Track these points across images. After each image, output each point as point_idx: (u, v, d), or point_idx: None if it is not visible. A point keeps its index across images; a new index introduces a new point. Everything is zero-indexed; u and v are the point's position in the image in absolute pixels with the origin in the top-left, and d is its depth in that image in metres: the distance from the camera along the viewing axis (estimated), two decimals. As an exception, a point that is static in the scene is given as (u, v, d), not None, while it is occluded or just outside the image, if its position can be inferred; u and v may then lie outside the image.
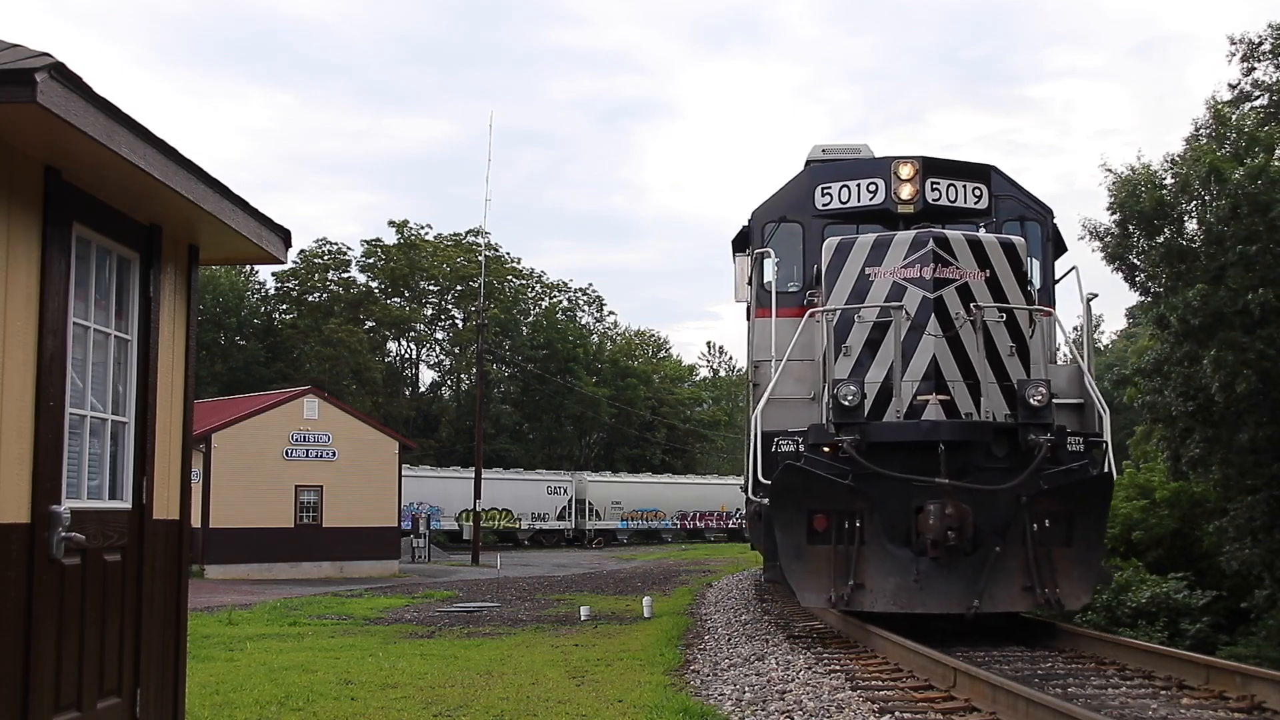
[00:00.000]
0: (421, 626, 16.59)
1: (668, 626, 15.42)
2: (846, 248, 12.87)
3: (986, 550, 11.60)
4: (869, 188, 14.39)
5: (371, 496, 33.05)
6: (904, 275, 12.41)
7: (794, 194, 14.98)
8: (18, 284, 4.79)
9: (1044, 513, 11.64)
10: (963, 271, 12.38)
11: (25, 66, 4.14)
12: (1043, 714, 7.12)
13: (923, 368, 12.15)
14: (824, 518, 11.61)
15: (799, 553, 11.70)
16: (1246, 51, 21.69)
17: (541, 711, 8.58)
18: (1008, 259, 12.69)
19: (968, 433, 11.89)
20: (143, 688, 5.86)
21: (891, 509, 11.68)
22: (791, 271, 14.79)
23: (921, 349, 12.17)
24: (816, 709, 8.26)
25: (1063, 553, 11.73)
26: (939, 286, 12.27)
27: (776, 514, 11.82)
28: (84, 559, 5.30)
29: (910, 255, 12.44)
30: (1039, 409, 11.92)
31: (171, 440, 6.30)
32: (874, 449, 11.68)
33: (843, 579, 11.48)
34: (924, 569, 11.56)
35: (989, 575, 11.53)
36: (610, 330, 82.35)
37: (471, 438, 51.02)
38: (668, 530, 62.72)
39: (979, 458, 11.94)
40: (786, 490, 11.66)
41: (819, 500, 11.60)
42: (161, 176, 5.18)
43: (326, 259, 67.09)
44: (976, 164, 14.79)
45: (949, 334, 12.17)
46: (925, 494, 11.54)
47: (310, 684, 10.03)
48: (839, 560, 11.52)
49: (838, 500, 11.55)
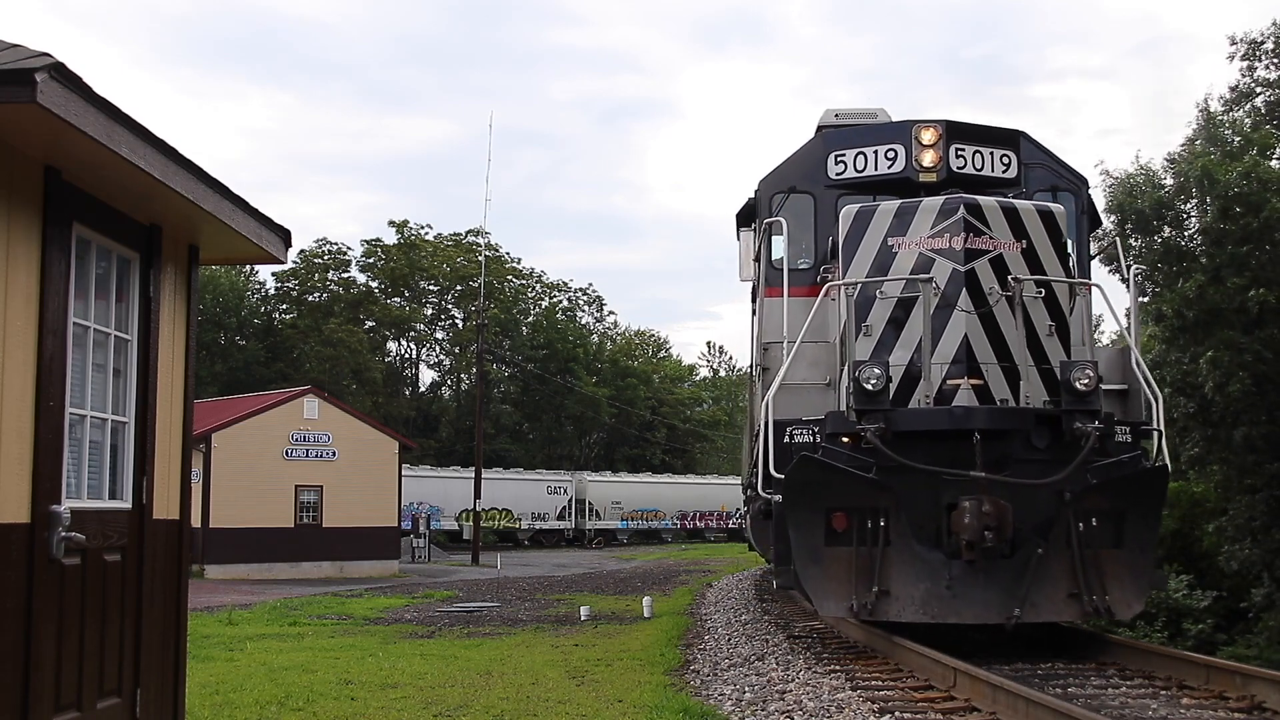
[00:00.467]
0: (421, 626, 16.59)
1: (668, 626, 15.42)
2: (866, 216, 11.63)
3: (1027, 553, 10.38)
4: (887, 155, 13.04)
5: (371, 496, 33.06)
6: (931, 246, 11.14)
7: (805, 162, 13.58)
8: (18, 284, 4.79)
9: (1091, 510, 10.44)
10: (996, 242, 11.11)
11: (25, 66, 4.14)
12: (1043, 714, 7.12)
13: (953, 349, 10.89)
14: (844, 516, 10.41)
15: (816, 556, 10.49)
16: (1248, 51, 21.70)
17: (541, 711, 8.58)
18: (1045, 228, 11.38)
19: (1007, 420, 10.65)
20: (143, 688, 5.86)
21: (920, 506, 10.52)
22: (802, 247, 13.48)
23: (951, 328, 10.91)
24: (816, 709, 8.26)
25: (1112, 555, 10.54)
26: (971, 258, 11.00)
27: (790, 512, 10.60)
28: (84, 559, 5.30)
29: (938, 224, 11.17)
30: (1086, 393, 10.60)
31: (171, 440, 6.30)
32: (899, 439, 10.48)
33: (866, 585, 10.29)
34: (957, 573, 10.34)
35: (1031, 581, 10.31)
36: (610, 330, 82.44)
37: (471, 438, 51.03)
38: (668, 530, 62.75)
39: (1017, 448, 10.71)
40: (802, 485, 10.44)
41: (838, 496, 10.39)
42: (161, 176, 5.18)
43: (326, 259, 67.12)
44: (1005, 129, 13.48)
45: (982, 311, 10.92)
46: (958, 489, 10.31)
47: (310, 684, 10.03)
48: (861, 564, 10.35)
49: (860, 496, 10.39)
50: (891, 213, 11.48)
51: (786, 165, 13.65)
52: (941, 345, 10.89)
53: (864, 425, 10.48)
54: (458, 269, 68.53)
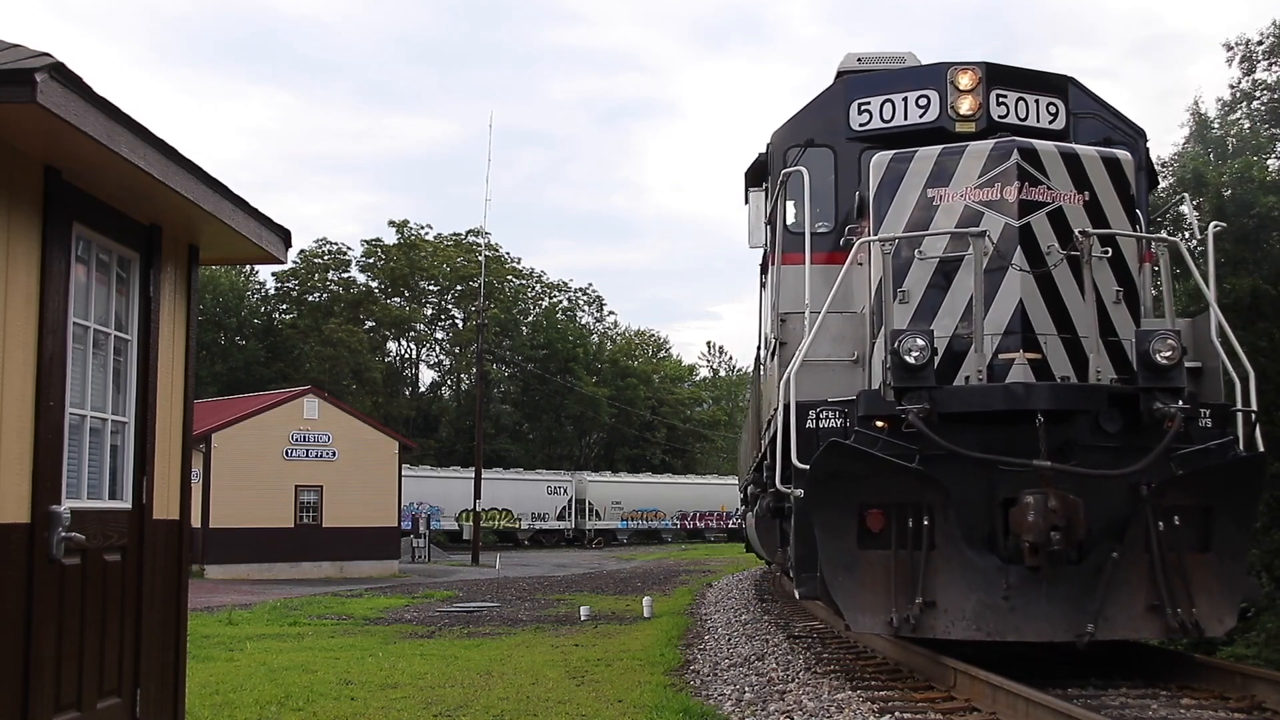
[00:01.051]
0: (421, 626, 16.59)
1: (668, 626, 15.42)
2: (902, 165, 10.10)
3: (1099, 558, 8.80)
4: (919, 102, 11.47)
5: (371, 496, 33.08)
6: (979, 198, 9.61)
7: (823, 111, 11.92)
8: (18, 284, 4.79)
9: (1174, 507, 8.89)
10: (1055, 193, 9.55)
11: (25, 66, 4.14)
12: (1043, 714, 7.12)
13: (1005, 317, 9.28)
14: (880, 514, 8.87)
15: (848, 561, 8.91)
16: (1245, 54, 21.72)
17: (541, 711, 8.58)
18: (1111, 179, 9.87)
19: (1076, 399, 9.05)
20: (143, 688, 5.86)
21: (971, 502, 8.99)
22: (820, 209, 11.64)
23: (1004, 293, 9.31)
24: (816, 709, 8.26)
25: (1199, 561, 8.95)
26: (1025, 211, 9.43)
27: (817, 510, 8.98)
28: (84, 559, 5.30)
29: (987, 171, 9.64)
30: (1168, 368, 9.01)
31: (171, 440, 6.30)
32: (943, 422, 8.94)
33: (907, 596, 8.71)
34: (1016, 582, 8.73)
35: (1104, 591, 8.73)
36: (610, 330, 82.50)
37: (471, 438, 51.04)
38: (668, 530, 62.79)
39: (1084, 434, 9.20)
40: (831, 477, 8.83)
41: (874, 491, 8.83)
42: (161, 176, 5.18)
43: (326, 259, 67.17)
44: (1052, 74, 11.85)
45: (1039, 273, 9.36)
46: (1018, 482, 8.77)
47: (310, 684, 10.04)
48: (901, 571, 8.78)
49: (900, 490, 8.83)
50: (931, 160, 9.99)
51: (802, 115, 12.03)
52: (991, 313, 9.28)
53: (905, 406, 8.90)
54: (458, 269, 68.57)
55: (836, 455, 8.89)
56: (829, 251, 11.32)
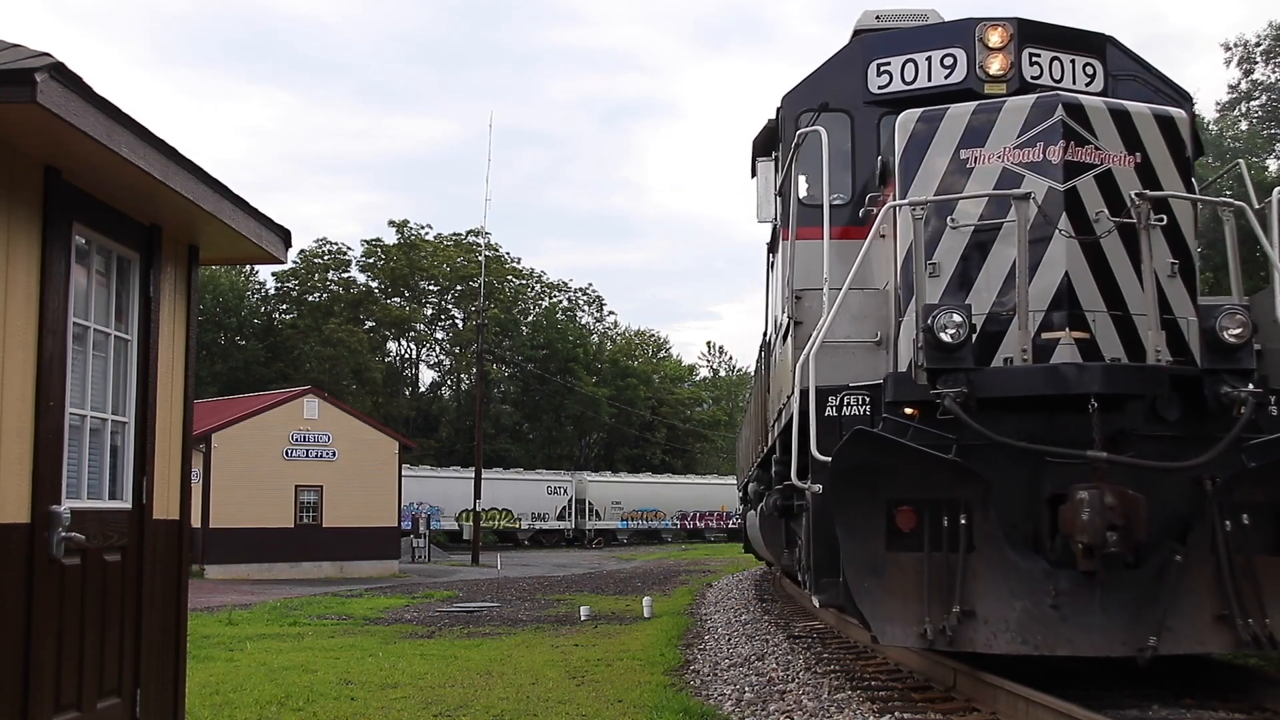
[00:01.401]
0: (421, 626, 16.59)
1: (668, 626, 15.42)
2: (932, 124, 9.13)
3: (1159, 561, 7.83)
4: (944, 61, 10.59)
5: (371, 496, 33.09)
6: (1019, 159, 8.68)
7: (839, 73, 11.04)
8: (18, 284, 4.79)
9: (1243, 504, 7.92)
10: (1104, 154, 8.61)
11: (25, 66, 4.14)
12: (1043, 714, 7.11)
13: (1049, 292, 8.31)
14: (912, 512, 7.93)
15: (875, 565, 7.97)
16: (1243, 55, 21.75)
17: (541, 711, 8.58)
18: (1165, 139, 8.88)
19: (1135, 383, 8.05)
20: (143, 688, 5.86)
21: (1013, 498, 8.09)
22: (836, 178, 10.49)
23: (1048, 264, 8.34)
24: (816, 709, 8.26)
25: (1272, 564, 7.94)
26: (1071, 174, 8.46)
27: (840, 507, 8.04)
28: (84, 559, 5.30)
29: (1028, 129, 8.67)
30: (1236, 348, 8.15)
31: (171, 440, 6.30)
32: (980, 409, 7.99)
33: (943, 604, 7.76)
34: (1066, 588, 7.76)
35: (1168, 598, 7.75)
36: (610, 330, 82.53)
37: (471, 438, 51.05)
38: (668, 530, 62.80)
39: (1137, 422, 8.27)
40: (856, 471, 7.87)
41: (905, 485, 7.91)
42: (161, 176, 5.18)
43: (326, 259, 67.21)
44: (1089, 32, 10.98)
45: (1087, 242, 8.40)
46: (1067, 476, 7.86)
47: (310, 684, 10.04)
48: (935, 575, 7.82)
49: (934, 485, 7.88)
50: (965, 118, 9.04)
51: (816, 77, 11.16)
52: (1033, 288, 8.33)
53: (940, 389, 7.94)
54: (458, 269, 68.60)
55: (863, 445, 7.90)
56: (846, 225, 10.49)
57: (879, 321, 9.37)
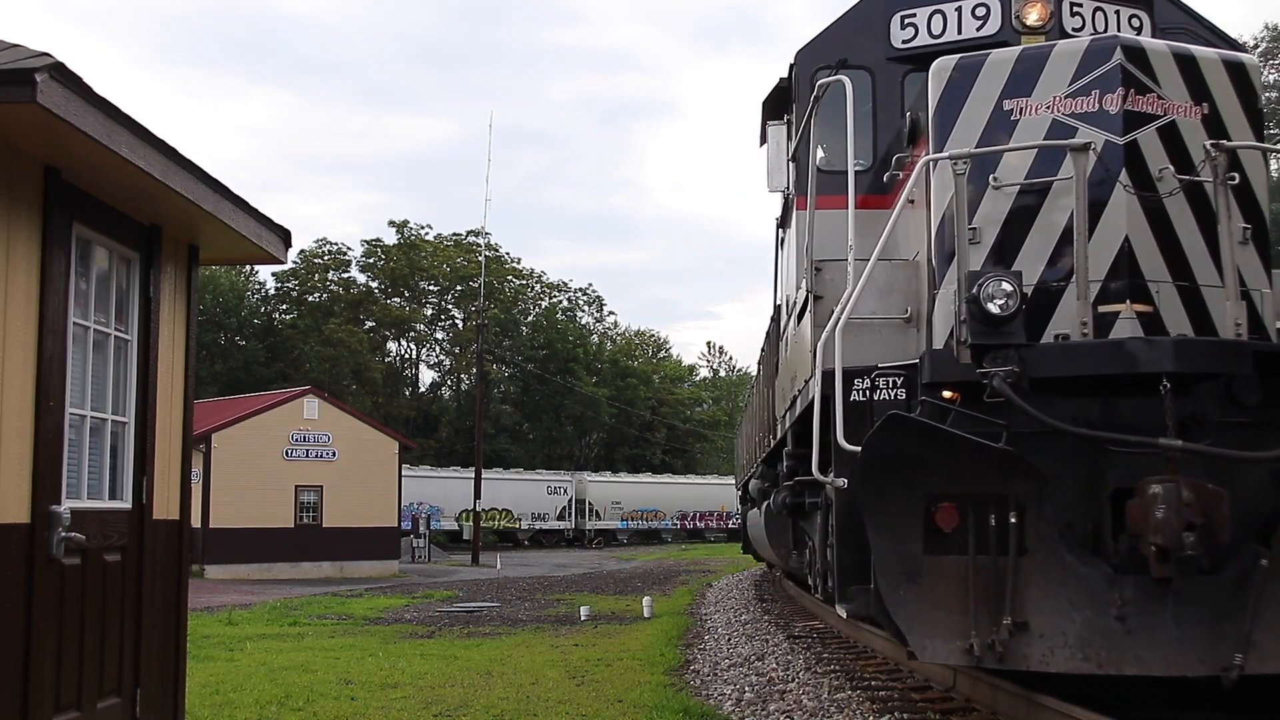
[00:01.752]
0: (421, 626, 16.59)
1: (668, 626, 15.42)
2: (970, 71, 8.07)
3: (1243, 566, 6.76)
4: (975, 12, 9.68)
5: (371, 496, 33.10)
6: (1071, 109, 7.67)
7: (859, 26, 10.16)
8: (18, 284, 4.79)
9: None
10: (1168, 104, 7.61)
11: (25, 66, 4.15)
12: (1043, 714, 7.11)
13: (1107, 259, 7.31)
14: (954, 509, 6.93)
15: (911, 570, 7.00)
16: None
17: (541, 711, 8.58)
18: (1235, 88, 7.88)
19: (1215, 360, 7.09)
20: (143, 688, 5.86)
21: (1071, 494, 7.13)
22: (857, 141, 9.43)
23: (1105, 228, 7.33)
24: (816, 709, 8.26)
25: None
26: (1132, 125, 7.44)
27: (871, 504, 7.09)
28: (84, 559, 5.30)
29: (1082, 76, 7.64)
30: None
31: (171, 440, 6.30)
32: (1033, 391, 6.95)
33: (991, 614, 6.79)
34: (1133, 596, 6.74)
35: (1253, 609, 6.65)
36: (610, 330, 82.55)
37: (471, 438, 51.07)
38: (668, 530, 62.81)
39: (1210, 406, 7.24)
40: (891, 463, 6.93)
41: (947, 479, 6.94)
42: (161, 176, 5.18)
43: (326, 259, 67.23)
44: None
45: (1149, 203, 7.41)
46: (1134, 468, 6.89)
47: (310, 684, 10.04)
48: (982, 582, 6.84)
49: (980, 478, 6.91)
50: (1009, 64, 8.00)
51: (834, 31, 10.27)
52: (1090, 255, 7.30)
53: (988, 368, 6.93)
54: (458, 269, 68.62)
55: (898, 433, 6.91)
56: (866, 193, 9.54)
57: (908, 296, 8.42)
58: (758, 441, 17.26)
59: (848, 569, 7.98)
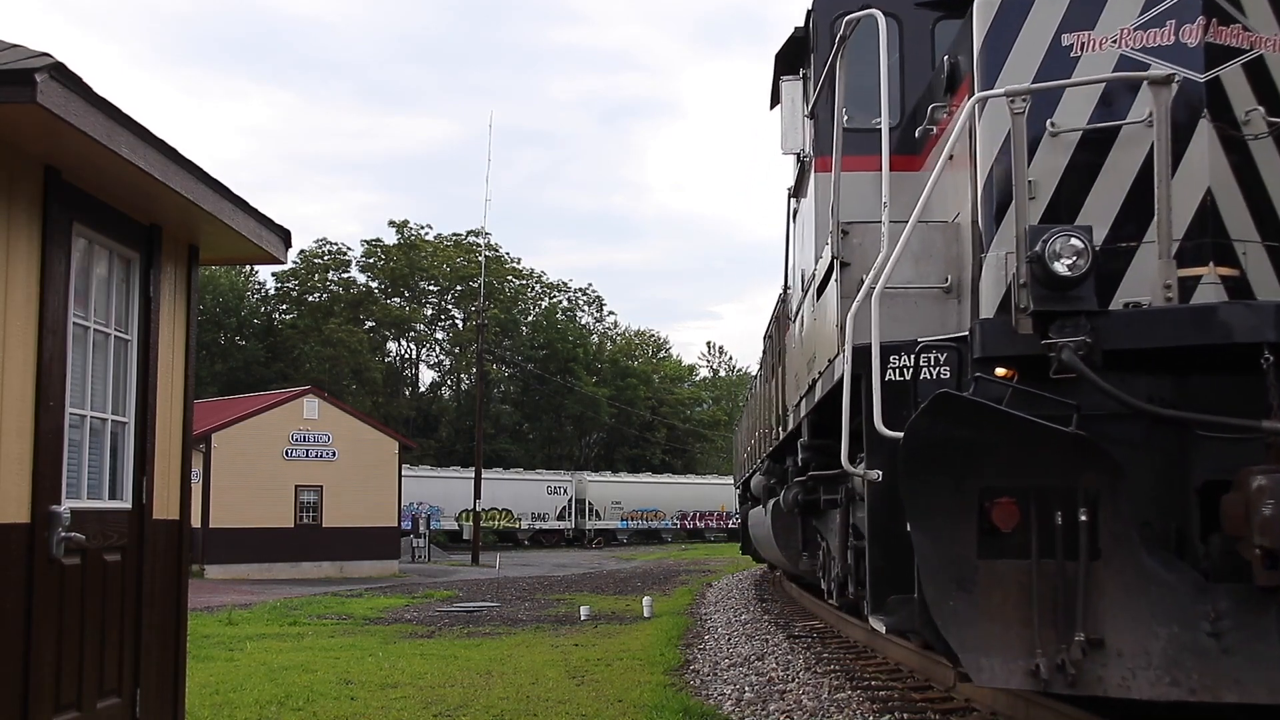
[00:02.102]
0: (421, 626, 16.60)
1: (668, 626, 15.42)
2: (1022, 2, 6.97)
3: None
4: None
5: (371, 496, 33.09)
6: (1141, 43, 6.66)
7: None
8: (18, 283, 4.79)
9: None
10: (1255, 36, 6.59)
11: (25, 66, 4.15)
12: (1043, 714, 7.11)
13: (1187, 214, 6.32)
14: (1013, 505, 5.89)
15: (963, 576, 5.99)
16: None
17: (541, 711, 8.58)
18: None
19: None
20: (143, 688, 5.86)
21: (1148, 487, 6.09)
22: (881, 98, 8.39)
23: (1184, 179, 6.33)
24: (816, 709, 8.27)
25: None
26: (1215, 61, 6.45)
27: (915, 499, 6.07)
28: (84, 559, 5.30)
29: (1154, 4, 6.65)
30: None
31: (171, 440, 6.30)
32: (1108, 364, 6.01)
33: (1059, 630, 5.77)
34: (1228, 608, 5.72)
35: None
36: (610, 330, 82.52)
37: (471, 438, 51.07)
38: (668, 530, 62.81)
39: None
40: (940, 450, 5.94)
41: (1006, 469, 5.93)
42: (161, 176, 5.19)
43: (326, 259, 67.22)
44: None
45: (1234, 151, 6.41)
46: (1226, 457, 5.92)
47: (310, 684, 10.04)
48: (1048, 590, 5.83)
49: (1045, 468, 5.89)
50: None
51: None
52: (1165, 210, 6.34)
53: (1054, 338, 6.01)
54: (458, 269, 68.61)
55: (949, 415, 5.88)
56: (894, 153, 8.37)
57: (948, 263, 7.46)
58: (761, 436, 16.79)
59: (881, 574, 7.10)
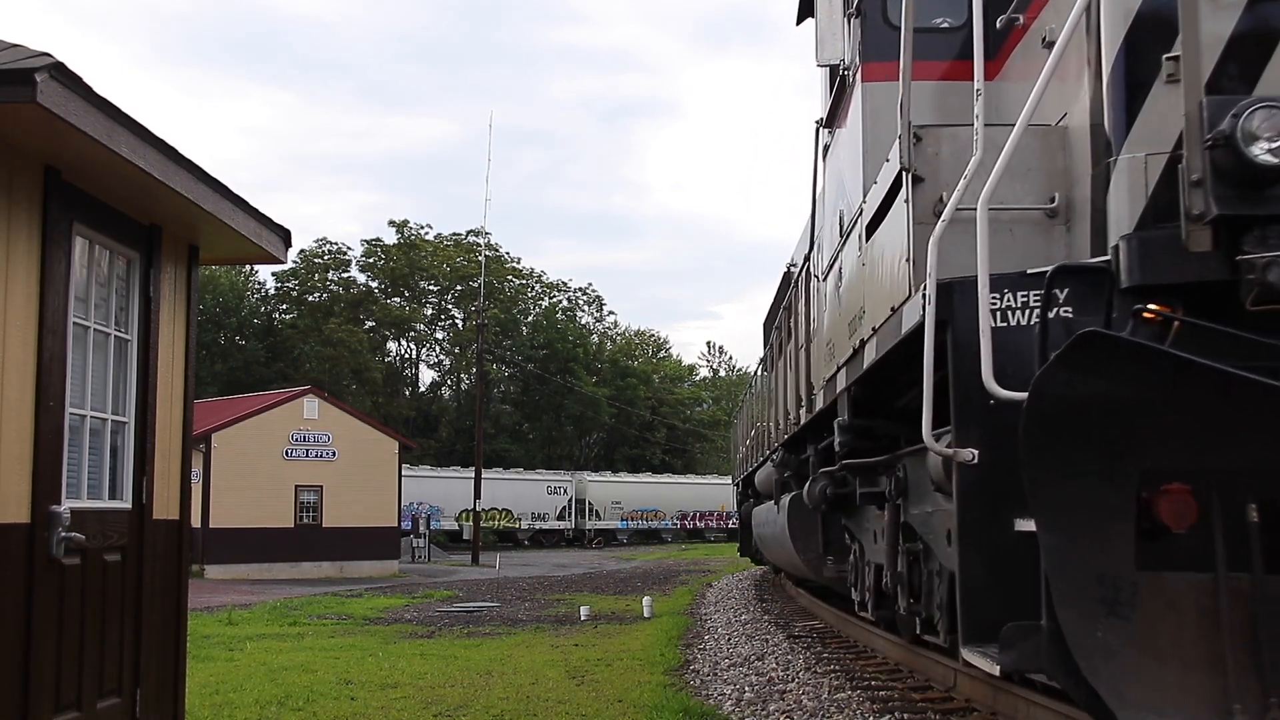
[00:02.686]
0: (421, 626, 16.59)
1: (668, 626, 15.42)
2: None
3: None
4: None
5: (371, 496, 33.09)
6: None
7: None
8: (17, 283, 4.79)
9: None
10: None
11: (25, 66, 4.15)
12: (1042, 714, 7.12)
13: None
14: (1189, 495, 4.12)
15: (1117, 596, 4.11)
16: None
17: (541, 711, 8.58)
18: None
19: None
20: (143, 688, 5.86)
21: None
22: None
23: None
24: (816, 709, 8.27)
25: None
26: None
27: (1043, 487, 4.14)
28: (84, 559, 5.30)
29: None
30: None
31: (171, 440, 6.30)
32: None
33: (1260, 672, 4.03)
34: None
35: None
36: (610, 330, 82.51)
37: (471, 438, 51.06)
38: (668, 530, 62.80)
39: None
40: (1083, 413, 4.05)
41: (1176, 445, 4.08)
42: (162, 176, 5.18)
43: (326, 259, 67.21)
44: None
45: None
46: None
47: (310, 684, 10.04)
48: (1241, 617, 4.10)
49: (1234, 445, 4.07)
50: None
51: None
52: None
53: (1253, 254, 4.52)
54: (458, 269, 68.60)
55: (1102, 364, 4.01)
56: (951, 60, 7.21)
57: (1050, 177, 5.92)
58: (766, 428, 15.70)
59: (978, 591, 5.28)
